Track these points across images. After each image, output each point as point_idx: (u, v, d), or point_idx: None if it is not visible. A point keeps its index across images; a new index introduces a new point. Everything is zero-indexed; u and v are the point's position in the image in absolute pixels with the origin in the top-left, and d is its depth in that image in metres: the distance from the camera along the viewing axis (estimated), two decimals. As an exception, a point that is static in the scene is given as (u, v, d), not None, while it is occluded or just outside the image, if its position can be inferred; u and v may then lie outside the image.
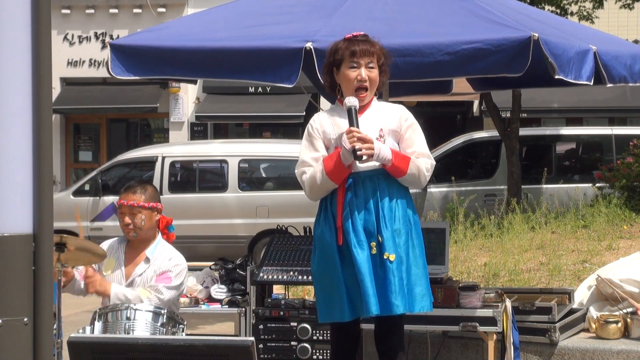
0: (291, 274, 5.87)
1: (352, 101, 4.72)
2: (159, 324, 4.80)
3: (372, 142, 4.65)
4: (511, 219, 11.46)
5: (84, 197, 13.75)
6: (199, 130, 22.27)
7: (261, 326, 5.85)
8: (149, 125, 23.69)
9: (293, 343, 5.81)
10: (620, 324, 6.04)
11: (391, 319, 4.80)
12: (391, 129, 4.82)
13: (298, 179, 4.88)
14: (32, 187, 2.75)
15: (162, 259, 5.27)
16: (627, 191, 12.69)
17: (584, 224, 11.12)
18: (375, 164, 4.76)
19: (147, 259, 5.27)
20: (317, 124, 4.86)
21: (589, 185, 14.07)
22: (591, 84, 5.63)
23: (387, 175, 4.80)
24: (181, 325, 4.91)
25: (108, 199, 13.54)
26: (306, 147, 4.86)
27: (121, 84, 20.18)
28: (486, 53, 5.29)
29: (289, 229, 6.36)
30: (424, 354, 6.11)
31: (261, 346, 5.80)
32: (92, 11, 22.24)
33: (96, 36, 22.30)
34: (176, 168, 13.71)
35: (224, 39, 5.75)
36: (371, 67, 4.78)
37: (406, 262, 4.72)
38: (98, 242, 5.32)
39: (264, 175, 13.99)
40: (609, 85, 5.79)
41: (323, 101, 8.74)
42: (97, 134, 23.18)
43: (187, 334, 5.01)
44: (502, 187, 14.77)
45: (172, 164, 13.56)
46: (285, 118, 20.95)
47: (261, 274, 5.87)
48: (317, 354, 5.77)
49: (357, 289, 4.69)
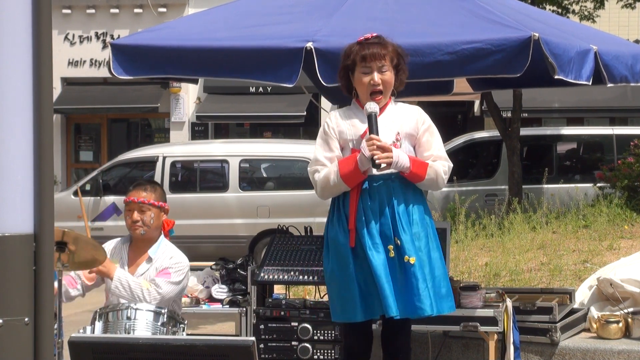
0: (292, 273, 5.87)
1: (373, 107, 4.71)
2: (159, 324, 4.80)
3: (391, 150, 4.65)
4: (512, 218, 11.46)
5: (85, 197, 13.75)
6: (199, 130, 22.28)
7: (262, 326, 5.85)
8: (150, 125, 23.69)
9: (294, 343, 5.81)
10: (621, 324, 6.04)
11: (399, 320, 4.81)
12: (408, 133, 4.82)
13: (310, 176, 4.88)
14: (33, 187, 2.75)
15: (164, 257, 5.27)
16: (628, 191, 12.70)
17: (584, 223, 11.12)
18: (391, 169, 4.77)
19: (149, 259, 5.27)
20: (334, 123, 4.85)
21: (590, 185, 14.07)
22: (590, 84, 5.62)
23: (402, 179, 4.81)
24: (182, 325, 4.91)
25: (109, 199, 13.55)
26: (321, 146, 4.85)
27: (122, 84, 20.19)
28: (486, 53, 5.29)
29: (290, 229, 6.36)
30: (424, 353, 6.11)
31: (262, 346, 5.80)
32: (92, 11, 22.25)
33: (97, 36, 22.31)
34: (177, 168, 13.71)
35: (224, 38, 5.75)
36: (384, 70, 4.77)
37: (429, 264, 4.76)
38: (99, 242, 5.31)
39: (264, 175, 13.99)
40: (609, 85, 5.79)
41: (324, 101, 8.73)
42: (97, 133, 23.18)
43: (187, 334, 5.01)
44: (503, 187, 14.77)
45: (173, 164, 13.56)
46: (286, 118, 20.95)
47: (262, 274, 5.87)
48: (318, 354, 5.77)
49: (372, 291, 4.71)
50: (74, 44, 22.36)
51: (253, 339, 3.96)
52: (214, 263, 6.42)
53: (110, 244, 5.38)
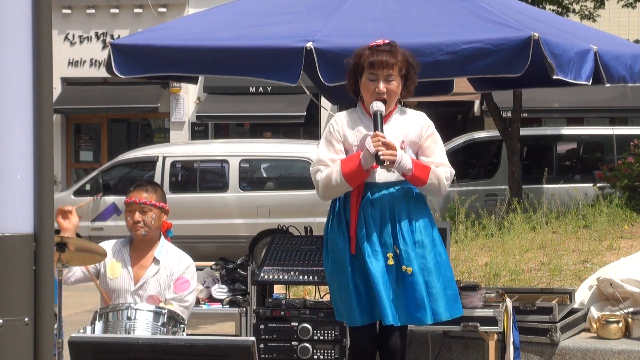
0: (292, 273, 5.87)
1: (379, 106, 4.71)
2: (159, 324, 4.80)
3: (395, 148, 4.65)
4: (512, 218, 11.46)
5: (85, 197, 13.76)
6: (199, 130, 22.27)
7: (262, 326, 5.84)
8: (150, 125, 23.69)
9: (294, 343, 5.80)
10: (621, 324, 6.04)
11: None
12: (412, 141, 4.82)
13: (312, 176, 4.88)
14: (33, 187, 2.75)
15: (172, 261, 5.27)
16: (628, 191, 12.70)
17: (584, 223, 11.13)
18: (392, 176, 4.77)
19: (156, 261, 5.26)
20: (339, 126, 4.84)
21: (590, 185, 14.07)
22: (590, 84, 5.62)
23: (404, 188, 4.80)
24: (182, 325, 4.91)
25: (109, 199, 13.55)
26: (325, 147, 4.85)
27: (122, 84, 20.20)
28: (486, 53, 5.29)
29: (290, 229, 6.36)
30: (424, 353, 6.11)
31: (262, 346, 5.79)
32: (92, 11, 22.24)
33: (97, 36, 22.31)
34: (177, 168, 13.71)
35: (224, 38, 5.75)
36: (390, 79, 4.76)
37: (435, 270, 4.76)
38: (99, 243, 5.30)
39: (264, 175, 13.99)
40: (607, 85, 5.79)
41: (324, 101, 8.73)
42: (97, 133, 23.18)
43: (187, 334, 5.01)
44: (503, 187, 14.77)
45: (173, 164, 13.56)
46: (286, 118, 20.95)
47: (262, 274, 5.87)
48: (318, 353, 5.76)
49: (371, 296, 4.72)
50: (74, 44, 22.36)
51: (253, 339, 3.96)
52: (214, 263, 6.42)
53: (108, 245, 5.34)
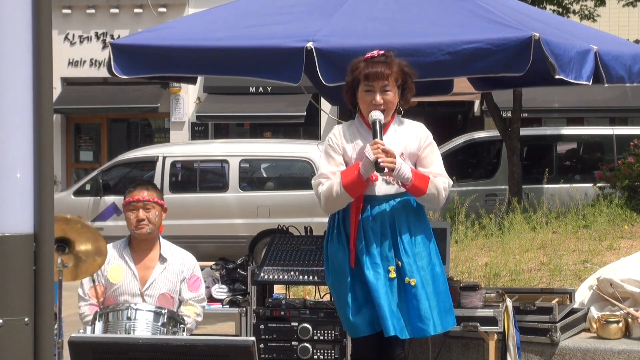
0: (292, 273, 5.87)
1: (377, 114, 4.71)
2: (159, 324, 4.80)
3: (395, 156, 4.65)
4: (512, 218, 11.46)
5: (85, 197, 13.76)
6: (199, 130, 22.27)
7: (262, 326, 5.85)
8: (150, 125, 23.69)
9: (294, 343, 5.81)
10: (621, 324, 6.04)
11: None
12: (411, 152, 4.82)
13: (314, 190, 4.88)
14: (33, 187, 2.75)
15: (177, 257, 5.30)
16: (628, 191, 12.70)
17: (584, 223, 11.13)
18: (392, 189, 4.77)
19: (163, 259, 5.26)
20: (338, 139, 4.84)
21: (590, 185, 14.08)
22: (590, 84, 5.62)
23: (403, 200, 4.81)
24: (182, 325, 4.91)
25: (109, 199, 13.55)
26: (325, 160, 4.85)
27: (122, 84, 20.19)
28: (487, 53, 5.29)
29: (290, 229, 6.36)
30: (424, 353, 6.11)
31: (262, 346, 5.80)
32: (92, 11, 22.25)
33: (97, 36, 22.31)
34: (177, 168, 13.71)
35: (224, 38, 5.75)
36: (387, 90, 4.75)
37: (432, 282, 4.77)
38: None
39: (264, 175, 13.99)
40: (606, 85, 5.79)
41: (324, 102, 8.72)
42: (97, 133, 23.18)
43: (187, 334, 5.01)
44: (503, 187, 14.77)
45: (173, 164, 13.56)
46: (286, 118, 20.95)
47: (262, 274, 5.87)
48: (318, 353, 5.77)
49: (373, 307, 4.72)
50: (74, 44, 22.36)
51: (253, 339, 3.96)
52: (214, 263, 6.42)
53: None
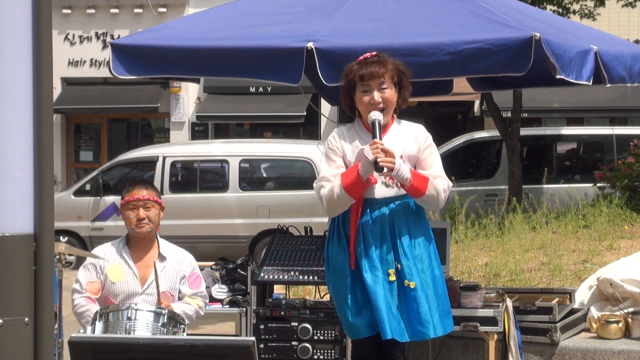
0: (292, 273, 5.87)
1: (377, 115, 4.71)
2: (159, 324, 4.79)
3: (394, 156, 4.65)
4: (512, 218, 11.46)
5: (85, 197, 13.76)
6: (199, 130, 22.27)
7: (262, 326, 5.85)
8: (150, 125, 23.68)
9: (294, 343, 5.81)
10: (621, 324, 6.04)
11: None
12: (411, 155, 4.82)
13: (316, 193, 4.88)
14: (33, 187, 2.75)
15: (176, 256, 5.31)
16: (628, 191, 12.70)
17: (584, 223, 11.13)
18: (392, 192, 4.76)
19: (162, 257, 5.26)
20: (338, 142, 4.84)
21: (590, 185, 14.08)
22: (590, 84, 5.62)
23: (403, 203, 4.80)
24: (182, 325, 4.90)
25: (109, 199, 13.54)
26: (325, 163, 4.85)
27: (122, 84, 20.18)
28: (488, 53, 5.29)
29: (290, 229, 6.36)
30: (424, 353, 6.10)
31: (262, 346, 5.80)
32: (92, 11, 22.24)
33: (97, 36, 22.30)
34: (177, 168, 13.71)
35: (224, 38, 5.74)
36: (384, 88, 4.75)
37: (432, 284, 4.77)
38: (99, 243, 5.29)
39: (264, 175, 13.99)
40: (608, 85, 5.79)
41: (323, 103, 8.73)
42: (97, 133, 23.18)
43: (187, 334, 5.01)
44: (503, 187, 14.77)
45: (173, 164, 13.56)
46: (286, 118, 20.94)
47: (262, 274, 5.87)
48: (318, 353, 5.77)
49: (372, 309, 4.72)
50: (74, 44, 22.36)
51: (253, 339, 3.96)
52: (214, 263, 6.42)
53: (102, 250, 5.27)
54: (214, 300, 6.17)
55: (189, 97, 22.05)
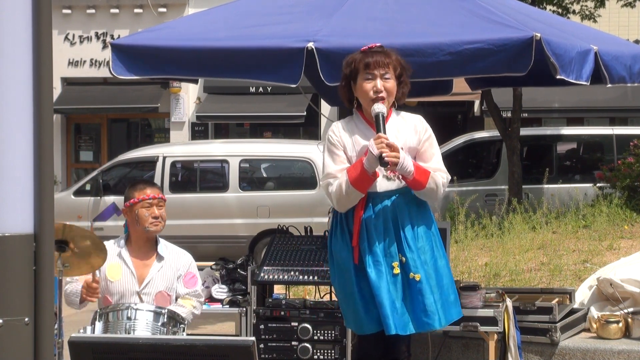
0: (292, 273, 5.87)
1: (380, 108, 4.70)
2: (159, 324, 4.80)
3: (398, 150, 4.64)
4: (512, 218, 11.46)
5: (85, 197, 13.76)
6: (199, 130, 22.28)
7: (262, 326, 5.85)
8: (150, 125, 23.69)
9: (294, 343, 5.81)
10: (621, 324, 6.04)
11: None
12: (411, 147, 4.82)
13: (324, 190, 4.87)
14: (33, 186, 2.75)
15: (173, 255, 5.30)
16: (628, 191, 12.70)
17: (584, 223, 11.13)
18: (393, 184, 4.76)
19: (159, 257, 5.26)
20: (338, 137, 4.83)
21: (590, 185, 14.08)
22: (589, 84, 5.63)
23: (405, 195, 4.80)
24: (182, 325, 4.91)
25: (109, 199, 13.54)
26: (329, 159, 4.83)
27: (122, 84, 20.19)
28: (488, 53, 5.29)
29: (290, 229, 6.36)
30: (424, 353, 6.10)
31: (262, 346, 5.80)
32: (92, 11, 22.25)
33: (97, 36, 22.31)
34: (177, 168, 13.71)
35: (224, 38, 5.75)
36: (387, 77, 4.74)
37: (435, 275, 4.76)
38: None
39: (264, 175, 13.99)
40: (609, 85, 5.79)
41: (323, 103, 8.72)
42: (97, 133, 23.19)
43: (187, 334, 5.01)
44: (503, 187, 14.77)
45: (173, 164, 13.56)
46: (286, 118, 20.95)
47: (262, 274, 5.87)
48: (318, 353, 5.77)
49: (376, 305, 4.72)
50: (74, 44, 22.37)
51: (253, 339, 3.96)
52: (214, 263, 6.43)
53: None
54: (214, 300, 6.17)
55: (189, 97, 22.05)
